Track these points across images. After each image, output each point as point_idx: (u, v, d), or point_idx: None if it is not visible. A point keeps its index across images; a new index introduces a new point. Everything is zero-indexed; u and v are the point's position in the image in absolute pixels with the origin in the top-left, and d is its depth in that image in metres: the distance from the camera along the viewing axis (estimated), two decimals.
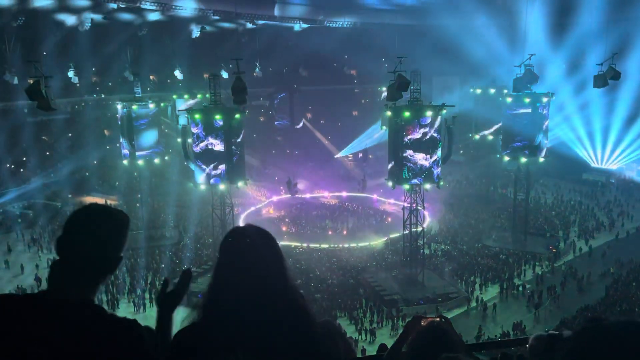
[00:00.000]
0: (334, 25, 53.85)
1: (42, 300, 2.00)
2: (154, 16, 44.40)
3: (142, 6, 41.11)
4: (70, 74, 43.83)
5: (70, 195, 41.39)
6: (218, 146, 32.28)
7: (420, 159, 31.34)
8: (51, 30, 39.17)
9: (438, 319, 2.26)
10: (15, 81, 38.84)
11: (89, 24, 42.07)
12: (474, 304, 30.00)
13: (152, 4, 42.01)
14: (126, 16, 43.24)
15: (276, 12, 49.64)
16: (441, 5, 42.59)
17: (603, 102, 47.12)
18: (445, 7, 42.46)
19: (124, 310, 27.10)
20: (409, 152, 31.18)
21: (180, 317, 2.19)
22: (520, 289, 31.50)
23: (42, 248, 35.57)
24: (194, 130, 32.19)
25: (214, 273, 2.09)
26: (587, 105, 48.36)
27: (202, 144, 32.29)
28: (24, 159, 42.61)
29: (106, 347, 1.93)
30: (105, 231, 2.07)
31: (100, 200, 40.60)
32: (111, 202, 40.45)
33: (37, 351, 1.88)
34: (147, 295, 29.03)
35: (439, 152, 31.65)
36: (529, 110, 36.57)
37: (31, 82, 19.98)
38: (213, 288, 2.07)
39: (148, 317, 26.33)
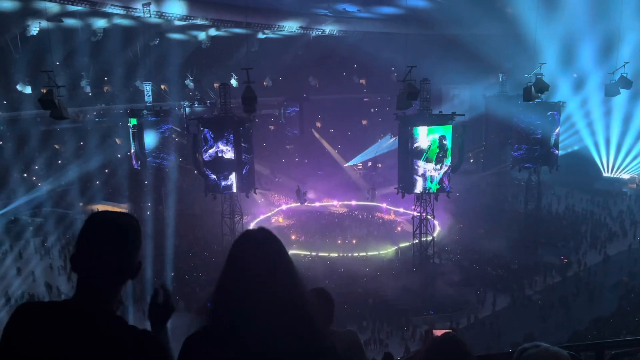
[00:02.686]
0: (342, 34, 54.05)
1: (63, 310, 2.00)
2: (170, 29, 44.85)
3: (152, 18, 41.52)
4: (83, 83, 44.38)
5: (81, 204, 41.72)
6: (228, 154, 32.42)
7: (430, 169, 31.28)
8: (64, 39, 39.67)
9: (450, 331, 2.26)
10: (29, 90, 39.36)
11: (102, 34, 42.61)
12: (484, 314, 29.75)
13: (162, 15, 42.42)
14: (137, 26, 43.72)
15: (282, 22, 49.98)
16: (451, 14, 42.61)
17: (622, 110, 46.84)
18: (455, 16, 42.47)
19: (133, 318, 27.16)
20: (418, 162, 31.14)
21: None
22: (532, 299, 31.21)
23: (53, 255, 35.84)
24: (201, 128, 32.38)
25: (222, 275, 2.06)
26: (601, 113, 48.11)
27: (211, 151, 32.42)
28: (36, 167, 43.07)
29: (127, 358, 1.93)
30: (119, 239, 2.06)
31: (110, 209, 40.90)
32: (122, 210, 40.67)
33: None
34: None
35: (448, 162, 31.57)
36: (539, 120, 36.50)
37: (44, 91, 20.20)
38: (220, 290, 2.05)
39: None
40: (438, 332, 2.25)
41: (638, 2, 35.12)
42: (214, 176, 32.77)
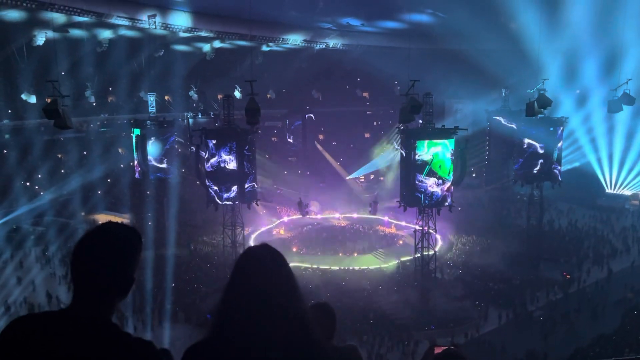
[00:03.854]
0: (346, 48, 54.38)
1: (58, 319, 2.00)
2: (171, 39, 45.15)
3: (157, 30, 41.82)
4: (88, 93, 44.60)
5: (82, 213, 41.73)
6: (231, 164, 32.43)
7: (432, 184, 31.21)
8: (70, 49, 39.96)
9: (452, 347, 2.23)
10: (33, 100, 39.54)
11: (107, 45, 42.92)
12: (486, 329, 29.51)
13: (167, 26, 42.71)
14: (142, 37, 44.02)
15: (286, 35, 50.33)
16: (454, 29, 42.85)
17: (625, 126, 46.92)
18: (459, 30, 42.69)
19: (133, 328, 27.01)
20: (420, 177, 31.08)
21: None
22: (534, 315, 30.98)
23: (54, 264, 35.75)
24: (205, 139, 32.44)
25: (225, 290, 2.09)
26: (604, 129, 48.16)
27: (214, 160, 32.44)
28: (39, 176, 43.16)
29: None
30: (119, 251, 2.06)
31: (112, 219, 40.87)
32: (123, 220, 40.65)
33: None
34: (156, 315, 29.12)
35: (451, 176, 31.53)
36: (542, 135, 36.55)
37: (49, 101, 20.31)
38: (223, 305, 2.07)
39: (158, 336, 26.21)
40: (439, 349, 2.22)
41: None
42: (215, 187, 32.77)
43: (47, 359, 1.90)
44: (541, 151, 36.72)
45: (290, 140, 59.33)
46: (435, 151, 31.11)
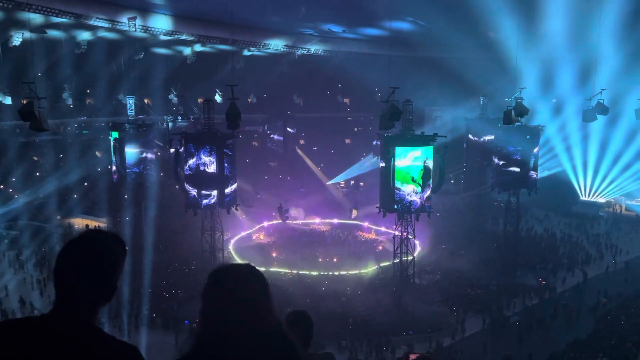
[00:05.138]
0: (327, 54, 54.61)
1: (43, 323, 1.99)
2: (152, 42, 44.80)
3: (137, 32, 41.43)
4: (65, 95, 43.94)
5: (58, 217, 40.99)
6: (211, 167, 32.17)
7: (410, 192, 31.42)
8: (47, 51, 39.36)
9: (427, 353, 2.28)
10: (9, 101, 38.82)
11: (86, 46, 42.38)
12: (463, 334, 29.77)
13: (147, 29, 42.36)
14: (121, 40, 43.59)
15: (268, 40, 50.34)
16: (434, 38, 43.41)
17: (599, 135, 47.99)
18: (439, 39, 43.26)
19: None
20: (399, 184, 31.28)
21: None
22: (510, 320, 31.36)
23: (28, 269, 35.01)
24: (184, 142, 32.13)
25: (202, 311, 2.11)
26: (579, 137, 49.19)
27: (192, 162, 32.11)
28: (13, 179, 42.31)
29: None
30: (103, 259, 2.07)
31: (89, 223, 40.26)
32: (100, 224, 40.12)
33: None
34: (132, 321, 28.73)
35: (430, 182, 31.79)
36: (518, 143, 37.12)
37: (25, 102, 19.93)
38: (202, 323, 2.09)
39: (134, 342, 25.80)
40: (414, 356, 2.27)
41: (615, 30, 36.21)
42: (194, 192, 32.45)
43: None
44: (518, 158, 37.29)
45: (272, 146, 59.29)
46: (415, 157, 31.38)
